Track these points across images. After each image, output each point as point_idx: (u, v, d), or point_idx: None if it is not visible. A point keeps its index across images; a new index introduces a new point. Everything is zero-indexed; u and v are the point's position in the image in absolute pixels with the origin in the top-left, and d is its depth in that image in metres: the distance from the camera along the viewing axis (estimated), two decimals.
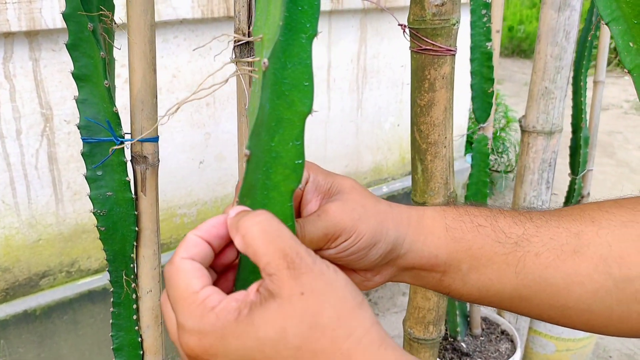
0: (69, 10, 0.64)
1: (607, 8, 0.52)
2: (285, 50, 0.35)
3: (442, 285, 0.49)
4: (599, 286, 0.44)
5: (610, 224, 0.45)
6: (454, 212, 0.49)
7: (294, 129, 0.37)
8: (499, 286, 0.47)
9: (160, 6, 1.70)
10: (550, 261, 0.45)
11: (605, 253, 0.44)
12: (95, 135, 0.69)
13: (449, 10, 0.89)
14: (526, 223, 0.47)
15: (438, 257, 0.48)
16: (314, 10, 0.35)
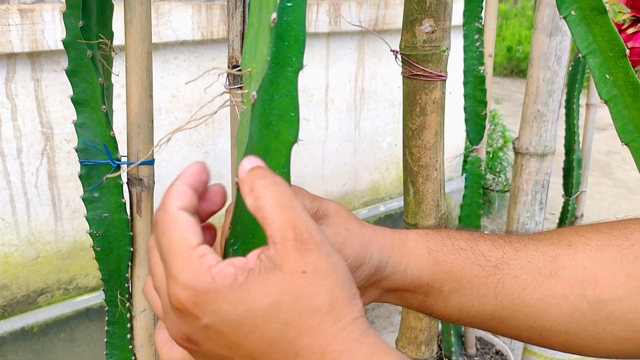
0: (69, 38, 0.66)
1: (584, 41, 0.54)
2: (272, 83, 0.37)
3: (425, 306, 0.51)
4: (575, 308, 0.46)
5: (586, 248, 0.47)
6: (436, 236, 0.51)
7: (280, 157, 0.39)
8: (479, 307, 0.49)
9: (161, 28, 1.73)
10: (528, 283, 0.47)
11: (581, 276, 0.46)
12: (93, 158, 0.71)
13: (439, 37, 0.91)
14: (505, 247, 0.49)
15: (421, 278, 0.49)
16: (299, 46, 0.37)
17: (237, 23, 0.63)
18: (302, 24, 0.37)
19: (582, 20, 0.53)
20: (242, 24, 0.63)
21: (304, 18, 0.37)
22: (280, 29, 0.36)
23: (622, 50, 0.52)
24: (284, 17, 0.36)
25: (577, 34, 0.54)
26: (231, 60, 0.65)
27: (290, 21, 0.36)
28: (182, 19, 1.78)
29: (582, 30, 0.54)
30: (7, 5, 1.50)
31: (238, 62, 0.65)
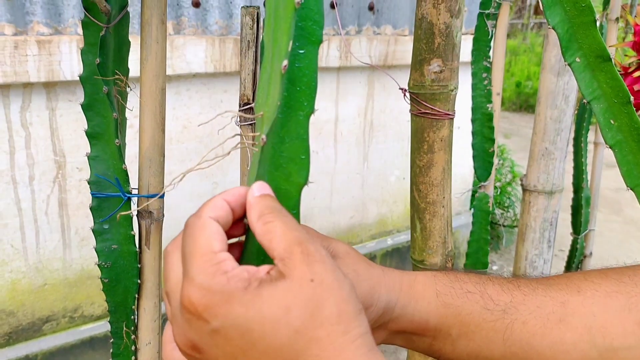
0: (86, 73, 0.68)
1: (588, 87, 0.55)
2: (283, 126, 0.38)
3: (433, 349, 0.50)
4: (584, 356, 0.45)
5: (595, 295, 0.47)
6: (444, 279, 0.51)
7: (290, 199, 0.39)
8: (487, 353, 0.48)
9: (175, 61, 1.77)
10: (537, 329, 0.47)
11: (590, 323, 0.46)
12: (104, 191, 0.72)
13: (447, 77, 0.93)
14: (514, 291, 0.49)
15: (428, 322, 0.49)
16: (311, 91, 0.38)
17: (250, 62, 0.65)
18: (314, 70, 0.38)
19: (586, 67, 0.54)
20: (255, 63, 0.65)
21: (316, 65, 0.38)
22: (292, 75, 0.38)
23: (626, 97, 0.53)
24: (296, 63, 0.38)
25: (582, 80, 0.55)
26: (242, 98, 0.67)
27: (302, 67, 0.38)
28: (196, 52, 1.82)
29: (587, 76, 0.55)
30: (26, 36, 1.54)
31: (249, 100, 0.67)
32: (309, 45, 0.38)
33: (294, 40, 0.37)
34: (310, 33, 0.38)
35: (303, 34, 0.38)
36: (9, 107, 1.58)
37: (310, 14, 0.37)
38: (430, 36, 0.91)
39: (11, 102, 1.58)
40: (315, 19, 0.38)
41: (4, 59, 1.50)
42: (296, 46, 0.38)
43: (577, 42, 0.54)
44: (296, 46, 0.38)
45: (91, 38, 0.68)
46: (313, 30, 0.38)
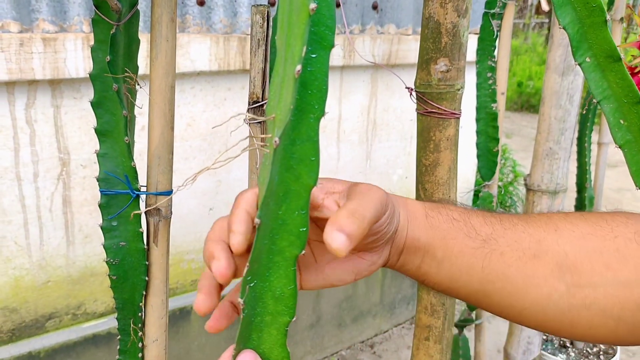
0: (95, 71, 0.69)
1: (598, 87, 0.55)
2: (294, 129, 0.39)
3: (420, 272, 0.53)
4: (553, 290, 0.49)
5: (571, 235, 0.50)
6: (431, 205, 0.55)
7: (300, 200, 0.40)
8: (467, 278, 0.51)
9: (180, 59, 1.77)
10: (512, 261, 0.50)
11: (561, 260, 0.49)
12: (113, 188, 0.72)
13: (453, 76, 0.93)
14: (495, 224, 0.52)
15: (419, 240, 0.52)
16: (322, 94, 0.39)
17: (259, 61, 0.65)
18: (325, 74, 0.39)
19: (596, 67, 0.55)
20: (264, 61, 0.65)
21: (327, 68, 0.39)
22: (304, 79, 0.38)
23: (636, 97, 0.54)
24: (308, 68, 0.38)
25: (591, 80, 0.55)
26: (252, 96, 0.67)
27: (314, 71, 0.38)
28: (200, 50, 1.82)
29: (597, 76, 0.55)
30: (31, 34, 1.54)
31: (259, 98, 0.67)
32: (321, 49, 0.38)
33: (307, 45, 0.38)
34: (322, 38, 0.38)
35: (316, 39, 0.38)
36: (13, 104, 1.58)
37: (323, 19, 0.38)
38: (437, 35, 0.91)
39: (16, 99, 1.59)
40: (328, 24, 0.38)
41: (10, 57, 1.50)
42: (309, 51, 0.38)
43: (587, 42, 0.54)
44: (309, 51, 0.38)
45: (101, 35, 0.68)
46: (325, 35, 0.38)
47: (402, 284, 2.69)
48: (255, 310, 0.41)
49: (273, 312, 0.41)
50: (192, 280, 2.07)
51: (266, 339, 0.42)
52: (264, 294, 0.41)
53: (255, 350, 0.42)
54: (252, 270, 0.41)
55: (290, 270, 0.41)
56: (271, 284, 0.41)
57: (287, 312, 0.41)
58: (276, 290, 0.41)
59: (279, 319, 0.41)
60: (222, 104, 1.97)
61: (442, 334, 1.05)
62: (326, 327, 2.42)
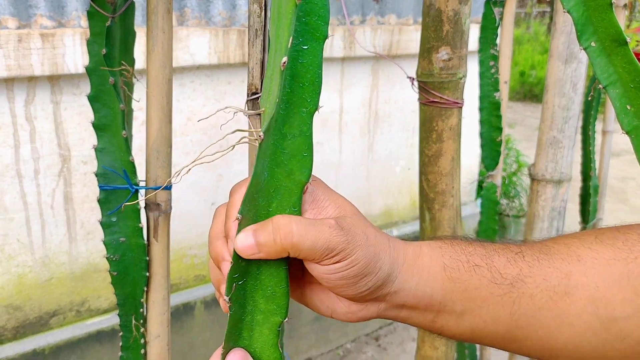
0: (92, 64, 0.68)
1: (604, 72, 0.54)
2: (286, 123, 0.37)
3: (435, 326, 0.49)
4: (587, 327, 0.46)
5: (594, 263, 0.47)
6: (450, 251, 0.49)
7: (292, 197, 0.39)
8: (492, 328, 0.47)
9: (179, 53, 1.76)
10: (543, 302, 0.46)
11: (593, 294, 0.46)
12: (112, 183, 0.72)
13: (455, 65, 0.92)
14: (520, 262, 0.48)
15: (433, 297, 0.47)
16: (315, 87, 0.37)
17: (257, 51, 0.64)
18: (318, 67, 0.37)
19: (602, 52, 0.53)
20: (263, 52, 0.64)
21: (321, 61, 0.37)
22: (294, 71, 0.37)
23: None
24: (299, 59, 0.37)
25: (597, 65, 0.54)
26: (250, 87, 0.66)
27: (306, 63, 0.37)
28: (200, 43, 1.81)
29: (603, 61, 0.53)
30: (29, 29, 1.53)
31: (257, 89, 0.66)
32: (313, 41, 0.37)
33: (297, 35, 0.36)
34: (314, 28, 0.37)
35: (307, 29, 0.37)
36: (13, 100, 1.58)
37: (314, 9, 0.36)
38: (439, 24, 0.90)
39: (15, 96, 1.58)
40: (320, 14, 0.36)
41: (8, 53, 1.49)
42: (299, 42, 0.37)
43: (592, 25, 0.53)
44: (299, 42, 0.37)
45: (97, 28, 0.67)
46: (317, 26, 0.37)
47: None
48: (246, 309, 0.40)
49: (264, 311, 0.40)
50: (194, 275, 2.07)
51: (257, 339, 0.40)
52: (254, 292, 0.40)
53: (246, 350, 0.41)
54: (239, 267, 0.40)
55: (282, 269, 0.40)
56: (262, 283, 0.40)
57: (278, 311, 0.40)
58: (267, 289, 0.40)
59: (270, 319, 0.40)
60: (223, 98, 1.96)
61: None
62: (331, 320, 2.42)
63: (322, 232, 0.41)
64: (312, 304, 0.47)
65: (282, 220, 0.40)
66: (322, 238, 0.41)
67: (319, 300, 0.47)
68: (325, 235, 0.41)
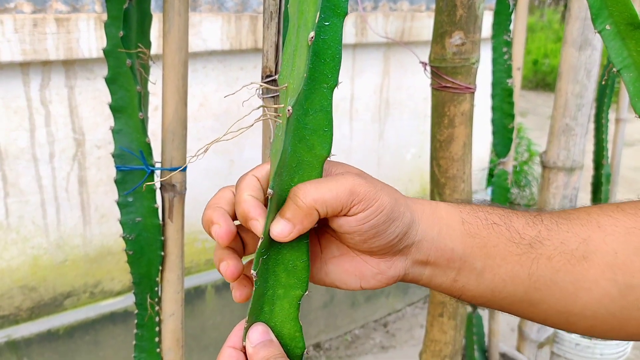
0: (109, 47, 0.69)
1: (618, 56, 0.54)
2: (307, 99, 0.38)
3: (456, 286, 0.48)
4: (605, 292, 0.45)
5: (615, 231, 0.46)
6: (468, 208, 0.49)
7: (313, 171, 0.40)
8: (511, 287, 0.47)
9: (191, 38, 1.76)
10: (561, 265, 0.46)
11: (612, 260, 0.45)
12: (128, 164, 0.73)
13: (469, 49, 0.92)
14: (539, 225, 0.48)
15: (454, 250, 0.47)
16: (335, 63, 0.38)
17: (272, 34, 0.64)
18: (339, 43, 0.38)
19: (616, 35, 0.53)
20: (277, 34, 0.65)
21: (341, 37, 0.38)
22: (317, 47, 0.37)
23: None
24: (321, 36, 0.37)
25: (611, 49, 0.54)
26: (265, 70, 0.67)
27: (328, 39, 0.38)
28: (212, 29, 1.81)
29: (617, 44, 0.54)
30: (44, 14, 1.55)
31: (272, 72, 0.66)
32: (334, 17, 0.38)
33: (320, 11, 0.37)
34: (336, 5, 0.37)
35: (329, 6, 0.37)
36: (28, 85, 1.59)
37: None
38: (452, 8, 0.90)
39: (31, 80, 1.59)
40: None
41: (24, 37, 1.50)
42: (322, 18, 0.37)
43: (607, 9, 0.53)
44: (322, 18, 0.37)
45: (114, 11, 0.68)
46: (338, 2, 0.37)
47: None
48: (268, 283, 0.41)
49: (285, 284, 0.41)
50: (206, 259, 2.09)
51: (278, 313, 0.41)
52: (276, 267, 0.41)
53: (267, 324, 0.42)
54: (265, 242, 0.41)
55: (303, 242, 0.40)
56: (284, 257, 0.41)
57: (299, 285, 0.40)
58: (288, 263, 0.40)
59: (291, 292, 0.41)
60: (235, 83, 1.97)
61: (456, 311, 1.05)
62: (340, 306, 2.44)
63: (343, 181, 0.42)
64: (338, 279, 0.47)
65: (298, 186, 0.41)
66: (344, 186, 0.41)
67: (345, 272, 0.46)
68: (348, 183, 0.41)
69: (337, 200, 0.41)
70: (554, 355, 1.75)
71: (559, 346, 1.74)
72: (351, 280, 0.46)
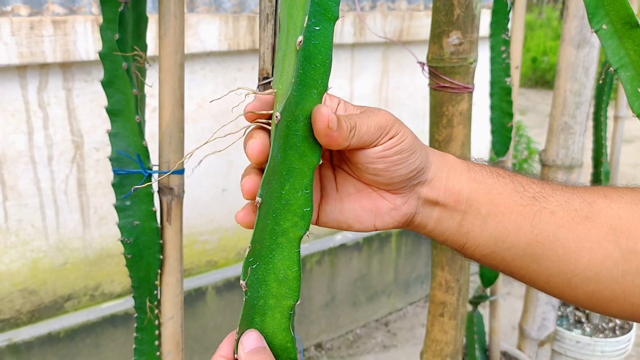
0: (105, 50, 0.68)
1: (615, 55, 0.54)
2: (298, 105, 0.38)
3: (461, 231, 0.49)
4: (607, 254, 0.46)
5: (621, 200, 0.47)
6: (474, 162, 0.51)
7: (304, 178, 0.39)
8: (514, 238, 0.47)
9: (189, 40, 1.76)
10: (564, 221, 0.46)
11: (615, 224, 0.46)
12: (126, 167, 0.73)
13: (466, 49, 0.91)
14: (543, 184, 0.49)
15: (461, 192, 0.48)
16: (326, 68, 0.37)
17: (269, 36, 0.64)
18: (330, 48, 0.37)
19: (613, 34, 0.53)
20: (274, 36, 0.64)
21: (332, 42, 0.37)
22: (307, 52, 0.37)
23: None
24: (312, 40, 0.37)
25: (608, 48, 0.54)
26: (262, 72, 0.66)
27: (318, 44, 0.37)
28: (210, 30, 1.81)
29: (614, 44, 0.53)
30: (41, 17, 1.54)
31: (269, 74, 0.66)
32: (325, 21, 0.37)
33: (310, 16, 0.36)
34: (326, 9, 0.37)
35: (319, 10, 0.37)
36: (26, 87, 1.59)
37: None
38: (450, 7, 0.89)
39: (28, 83, 1.59)
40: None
41: (20, 40, 1.50)
42: (312, 22, 0.37)
43: (603, 8, 0.53)
44: (312, 22, 0.37)
45: (109, 14, 0.68)
46: (329, 6, 0.37)
47: (417, 263, 2.69)
48: (259, 293, 0.40)
49: (277, 294, 0.40)
50: (206, 260, 2.09)
51: (269, 323, 0.40)
52: (267, 276, 0.40)
53: None
54: (254, 251, 0.40)
55: (294, 252, 0.40)
56: (274, 266, 0.40)
57: (290, 295, 0.40)
58: (279, 273, 0.40)
59: (282, 302, 0.40)
60: (233, 84, 1.97)
61: (456, 310, 1.05)
62: (341, 306, 2.44)
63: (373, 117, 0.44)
64: (353, 217, 0.48)
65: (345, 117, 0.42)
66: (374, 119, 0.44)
67: (362, 208, 0.48)
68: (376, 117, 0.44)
69: (368, 135, 0.43)
70: (554, 353, 1.75)
71: (559, 344, 1.74)
72: (366, 217, 0.48)
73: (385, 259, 2.56)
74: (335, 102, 0.48)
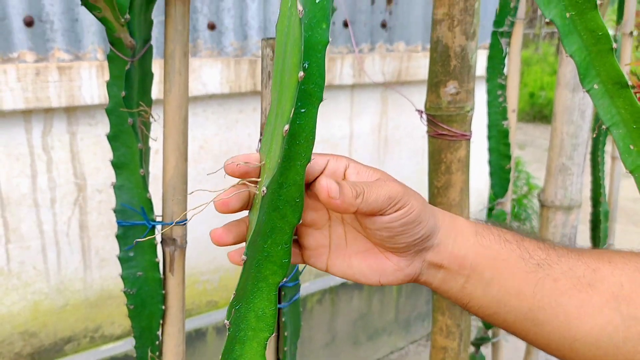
0: (111, 106, 0.70)
1: (607, 113, 0.55)
2: (282, 174, 0.42)
3: (464, 293, 0.51)
4: (608, 321, 0.47)
5: (625, 267, 0.48)
6: (483, 224, 0.53)
7: (284, 235, 0.44)
8: (516, 303, 0.49)
9: (192, 83, 1.79)
10: (567, 288, 0.48)
11: (617, 291, 0.47)
12: (130, 219, 0.74)
13: (463, 98, 0.94)
14: (549, 250, 0.51)
15: (466, 258, 0.50)
16: (309, 144, 0.42)
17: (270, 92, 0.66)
18: (313, 127, 0.42)
19: (604, 94, 0.55)
20: None
21: (315, 121, 0.42)
22: (293, 131, 0.41)
23: None
24: (297, 121, 0.41)
25: (600, 107, 0.55)
26: (263, 127, 0.68)
27: (302, 124, 0.41)
28: (212, 74, 1.85)
29: (605, 103, 0.55)
30: (47, 63, 1.58)
31: None
32: (309, 105, 0.41)
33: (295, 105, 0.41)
34: (311, 94, 0.41)
35: (305, 95, 0.41)
36: (30, 132, 1.62)
37: (312, 78, 0.41)
38: (446, 59, 0.92)
39: (33, 127, 1.62)
40: (317, 82, 0.41)
41: (26, 86, 1.53)
42: (298, 106, 0.41)
43: (594, 69, 0.55)
44: (298, 106, 0.41)
45: (116, 71, 0.70)
46: (314, 92, 0.41)
47: (417, 302, 2.67)
48: (239, 327, 0.45)
49: (255, 328, 0.45)
50: (207, 301, 2.08)
51: (247, 351, 0.45)
52: (247, 314, 0.45)
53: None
54: (238, 296, 0.45)
55: (272, 294, 0.45)
56: (255, 306, 0.45)
57: (266, 328, 0.45)
58: (259, 311, 0.45)
59: (259, 334, 0.45)
60: (234, 126, 1.99)
61: (458, 356, 1.05)
62: (341, 345, 2.41)
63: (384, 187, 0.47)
64: (359, 272, 0.51)
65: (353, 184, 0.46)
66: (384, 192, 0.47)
67: (368, 266, 0.51)
68: (386, 188, 0.47)
69: (377, 204, 0.46)
70: None
71: None
72: (372, 274, 0.51)
73: (386, 297, 2.54)
74: (342, 164, 0.51)
